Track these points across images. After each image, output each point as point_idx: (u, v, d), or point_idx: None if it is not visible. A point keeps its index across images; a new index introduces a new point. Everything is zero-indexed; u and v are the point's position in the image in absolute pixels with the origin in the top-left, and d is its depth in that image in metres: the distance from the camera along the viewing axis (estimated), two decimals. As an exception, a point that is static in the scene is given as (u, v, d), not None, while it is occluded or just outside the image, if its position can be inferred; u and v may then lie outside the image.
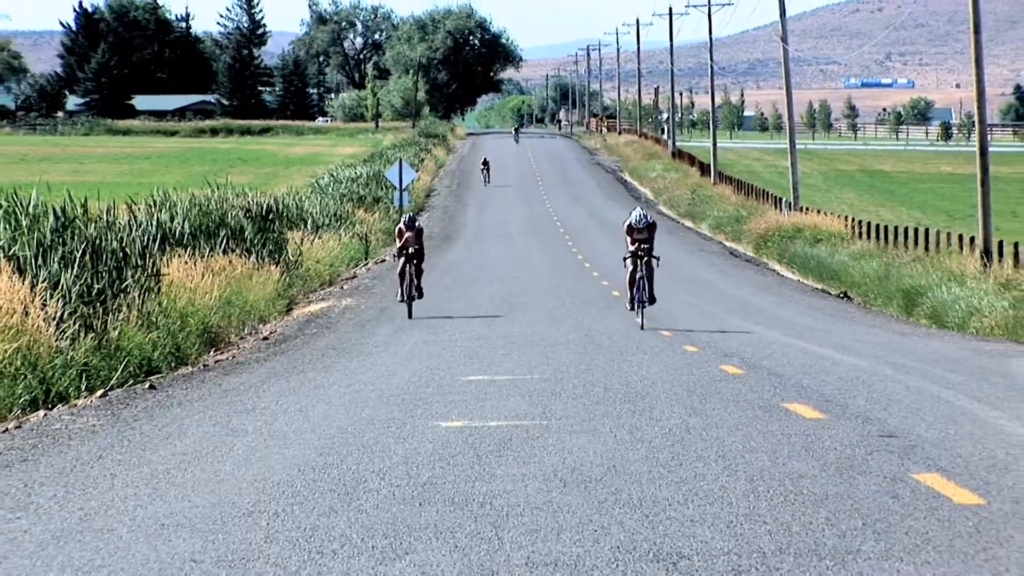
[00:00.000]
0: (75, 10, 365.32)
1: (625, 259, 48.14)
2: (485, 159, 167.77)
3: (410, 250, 52.94)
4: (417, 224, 54.42)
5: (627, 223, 48.50)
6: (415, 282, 52.95)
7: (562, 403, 26.64)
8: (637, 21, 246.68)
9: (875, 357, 37.74)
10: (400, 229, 54.56)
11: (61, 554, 14.86)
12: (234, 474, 19.68)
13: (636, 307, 47.43)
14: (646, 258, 47.84)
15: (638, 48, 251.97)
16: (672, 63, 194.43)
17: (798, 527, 15.64)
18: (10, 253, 33.36)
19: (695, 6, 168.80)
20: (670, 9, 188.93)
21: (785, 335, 45.70)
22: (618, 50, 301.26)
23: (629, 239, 48.08)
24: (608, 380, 30.36)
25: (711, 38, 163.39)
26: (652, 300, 47.55)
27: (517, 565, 14.05)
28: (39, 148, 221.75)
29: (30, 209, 37.66)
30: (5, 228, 35.70)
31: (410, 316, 51.66)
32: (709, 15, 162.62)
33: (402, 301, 52.66)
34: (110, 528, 16.12)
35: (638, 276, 47.31)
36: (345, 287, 70.24)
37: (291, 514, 16.62)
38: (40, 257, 34.44)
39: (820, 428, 23.22)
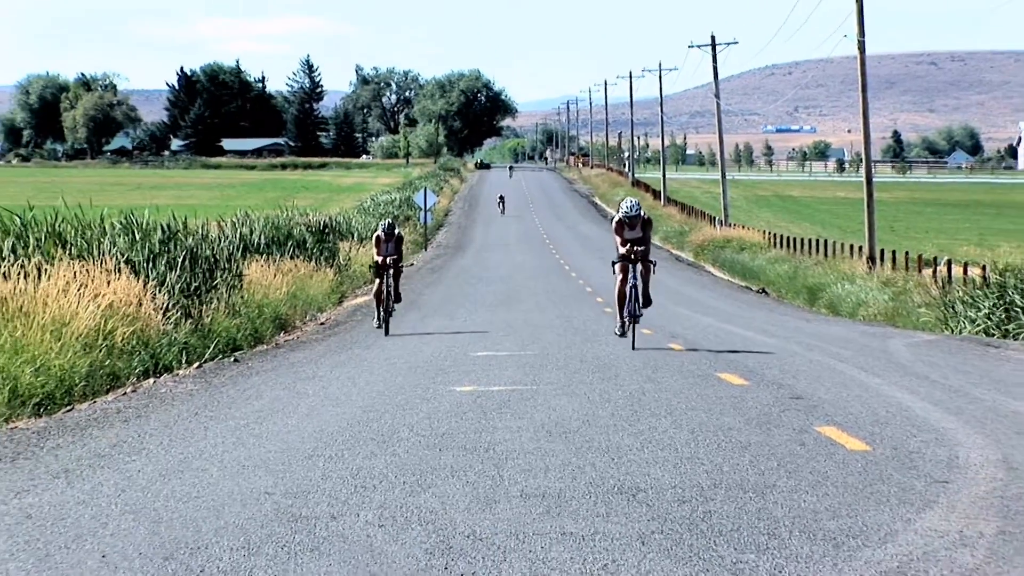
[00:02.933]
0: (178, 73, 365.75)
1: (614, 264, 31.85)
2: (501, 195, 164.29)
3: (388, 260, 40.39)
4: (397, 232, 41.70)
5: (616, 218, 31.88)
6: (392, 295, 40.37)
7: (548, 372, 26.63)
8: (605, 83, 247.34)
9: (786, 338, 37.74)
10: (378, 236, 41.11)
11: (166, 488, 14.85)
12: (298, 427, 19.66)
13: (628, 325, 31.84)
14: (640, 263, 31.76)
15: (605, 103, 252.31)
16: (632, 114, 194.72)
17: (728, 467, 15.61)
18: (128, 258, 33.33)
19: (649, 71, 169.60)
20: (630, 73, 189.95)
21: (718, 321, 45.68)
22: (590, 104, 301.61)
23: (619, 239, 31.57)
24: (583, 355, 30.36)
25: (661, 95, 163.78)
26: (648, 302, 31.94)
27: (514, 496, 14.04)
28: (150, 179, 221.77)
29: (143, 225, 37.64)
30: (124, 239, 35.68)
31: (387, 334, 38.77)
32: (660, 78, 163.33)
33: (379, 327, 39.75)
34: (203, 468, 16.12)
35: (629, 287, 31.58)
36: (383, 284, 70.08)
37: (341, 457, 16.60)
38: (151, 261, 34.42)
39: (744, 392, 23.21)
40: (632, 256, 31.63)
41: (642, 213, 31.92)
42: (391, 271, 40.46)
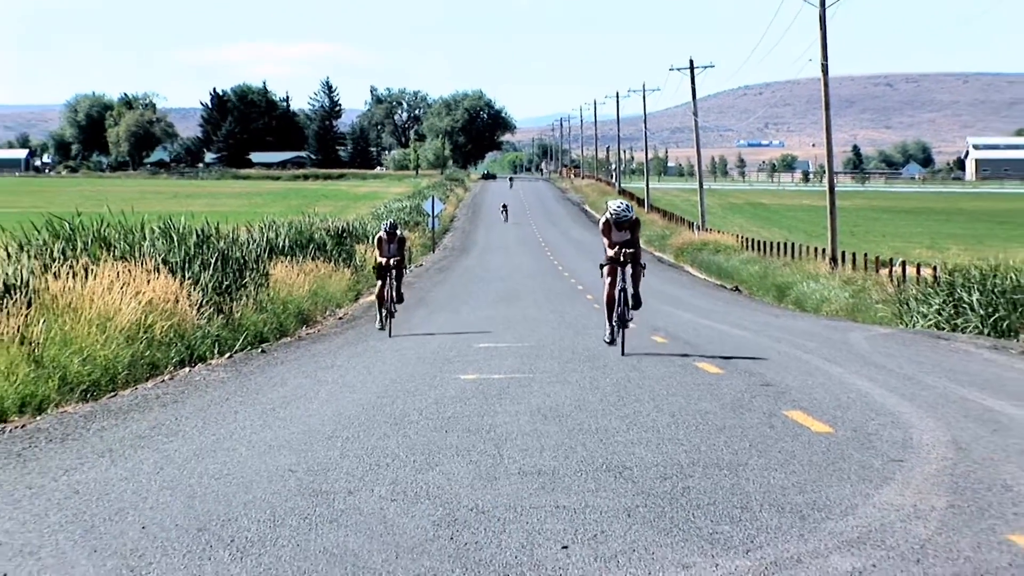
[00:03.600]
0: (210, 94, 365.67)
1: (602, 267, 27.87)
2: (504, 204, 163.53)
3: (391, 262, 36.72)
4: (399, 233, 37.92)
5: (604, 219, 27.91)
6: (394, 297, 36.66)
7: (543, 362, 26.60)
8: (594, 102, 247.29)
9: (757, 331, 37.72)
10: (380, 238, 37.36)
11: (200, 466, 14.84)
12: (319, 411, 19.65)
13: (617, 331, 27.78)
14: (630, 266, 27.80)
15: (595, 120, 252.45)
16: (618, 130, 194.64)
17: (705, 447, 15.60)
18: (166, 259, 33.33)
19: (634, 91, 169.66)
20: (617, 94, 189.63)
21: (696, 316, 45.64)
22: (581, 121, 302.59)
23: (607, 241, 27.62)
24: (575, 347, 30.32)
25: (645, 113, 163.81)
26: (638, 303, 27.95)
27: (512, 473, 14.03)
28: (185, 188, 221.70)
29: (180, 229, 37.65)
30: (163, 242, 35.67)
31: (390, 335, 35.18)
32: (644, 98, 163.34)
33: (381, 328, 36.13)
34: (234, 448, 16.11)
35: (618, 290, 27.64)
36: (395, 283, 70.05)
37: (358, 438, 16.59)
38: (187, 262, 34.39)
39: (719, 380, 23.19)
40: (621, 259, 27.80)
41: (632, 214, 27.86)
42: (393, 272, 36.61)
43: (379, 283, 36.65)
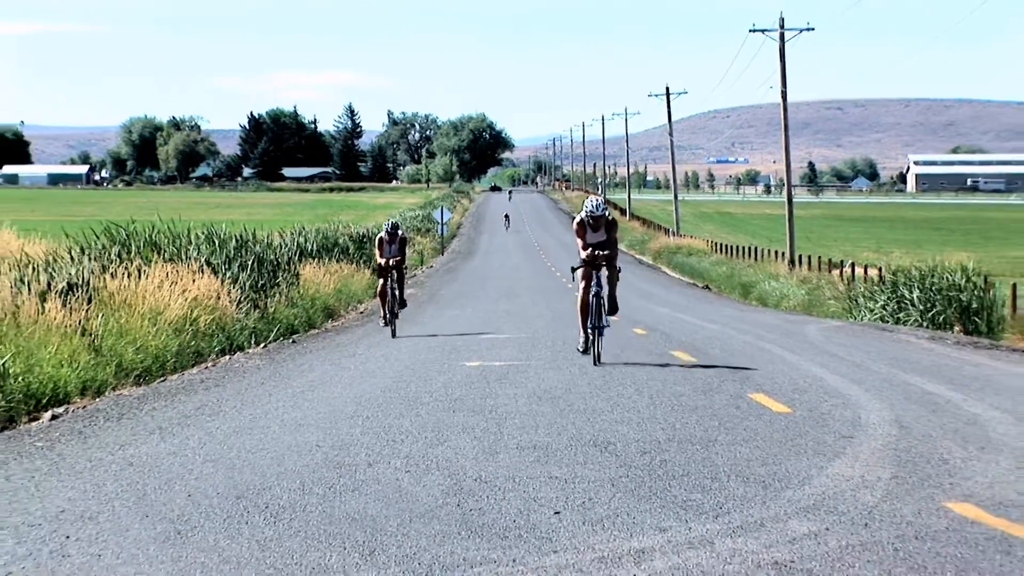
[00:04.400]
0: (248, 117, 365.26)
1: (574, 271, 23.27)
2: (507, 214, 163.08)
3: (392, 262, 32.54)
4: (400, 234, 33.28)
5: (578, 219, 23.16)
6: (397, 297, 32.61)
7: (538, 351, 26.61)
8: (583, 124, 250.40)
9: (725, 324, 37.74)
10: (381, 239, 32.94)
11: (238, 442, 14.85)
12: (342, 394, 19.65)
13: (592, 340, 22.95)
14: (606, 270, 23.04)
15: (583, 140, 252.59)
16: (604, 149, 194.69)
17: (679, 425, 15.60)
18: (209, 261, 33.35)
19: (617, 115, 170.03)
20: (602, 117, 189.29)
21: (671, 311, 45.66)
22: (571, 141, 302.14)
23: (581, 242, 23.02)
24: (565, 338, 30.32)
25: (627, 134, 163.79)
26: (614, 308, 23.22)
27: (511, 448, 14.03)
28: (226, 200, 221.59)
29: (221, 235, 37.68)
30: (206, 247, 35.69)
31: (393, 336, 31.83)
32: (626, 121, 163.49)
33: (386, 325, 32.52)
34: (267, 426, 16.12)
35: (592, 295, 22.80)
36: (409, 282, 70.16)
37: (376, 418, 16.59)
38: (227, 264, 34.41)
39: (692, 367, 23.19)
40: (596, 261, 23.08)
41: (607, 214, 23.22)
42: (394, 275, 32.58)
43: (380, 282, 32.88)
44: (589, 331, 23.12)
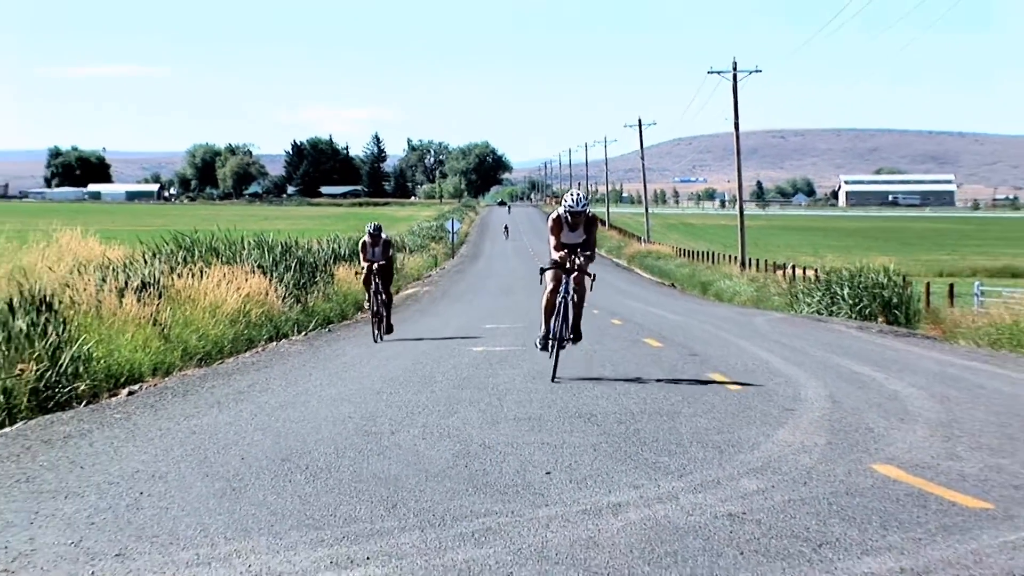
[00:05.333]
0: (292, 144, 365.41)
1: (543, 272, 18.16)
2: (506, 225, 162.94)
3: (375, 266, 26.60)
4: (384, 236, 27.07)
5: (554, 215, 18.02)
6: (384, 313, 26.53)
7: (532, 338, 26.62)
8: (569, 150, 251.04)
9: (687, 316, 37.74)
10: (364, 242, 26.87)
11: (284, 414, 14.84)
12: (370, 374, 19.64)
13: (551, 346, 17.82)
14: (577, 273, 17.65)
15: (570, 163, 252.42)
16: (587, 170, 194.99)
17: (650, 400, 15.60)
18: (259, 264, 33.35)
19: (598, 142, 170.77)
20: (586, 144, 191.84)
21: (643, 305, 45.66)
22: (559, 164, 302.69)
23: (554, 241, 17.92)
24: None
25: (605, 158, 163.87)
26: (577, 335, 17.95)
27: (510, 419, 14.02)
28: (273, 213, 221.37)
29: (269, 242, 37.67)
30: (257, 252, 35.67)
31: (377, 340, 26.39)
32: (605, 147, 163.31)
33: (377, 341, 26.25)
34: (308, 401, 16.10)
35: (559, 299, 17.72)
36: (425, 281, 70.18)
37: (398, 393, 16.58)
38: (274, 266, 34.41)
39: (660, 351, 23.19)
40: (568, 264, 17.53)
41: (587, 210, 17.54)
42: (379, 283, 26.77)
43: (370, 290, 26.96)
44: (551, 333, 17.69)
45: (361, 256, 27.28)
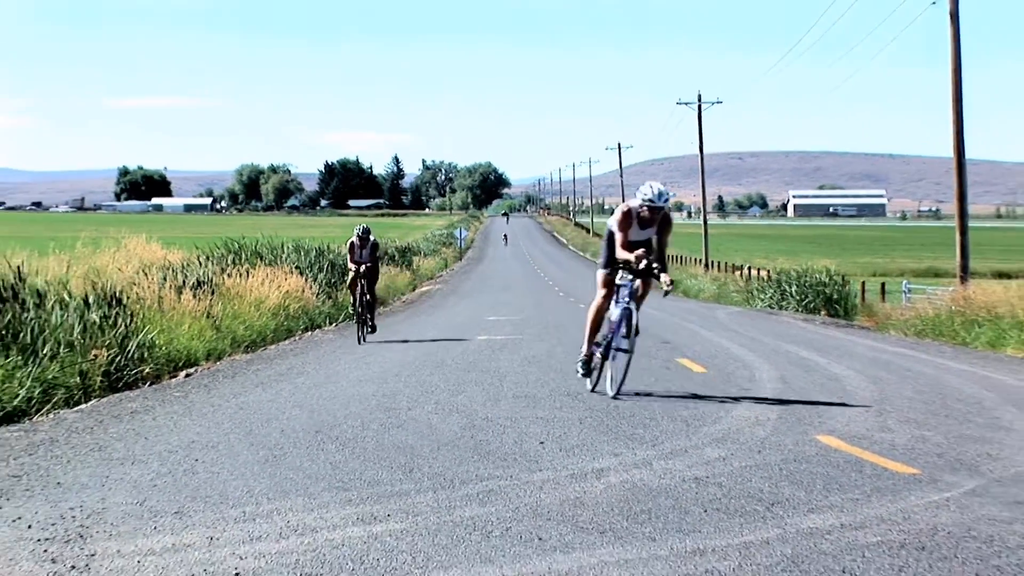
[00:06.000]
0: (324, 164, 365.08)
1: (617, 270, 12.68)
2: (505, 234, 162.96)
3: (361, 269, 23.03)
4: (372, 239, 23.38)
5: (624, 209, 12.35)
6: (368, 315, 23.03)
7: (528, 329, 26.57)
8: (559, 169, 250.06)
9: (658, 310, 37.70)
10: (352, 243, 23.30)
11: (317, 392, 14.81)
12: (391, 359, 19.60)
13: (598, 366, 13.21)
14: (644, 279, 12.57)
15: (560, 180, 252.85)
16: (573, 187, 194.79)
17: (628, 381, 15.57)
18: (297, 265, 33.32)
19: (583, 162, 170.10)
20: (573, 164, 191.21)
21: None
22: (550, 181, 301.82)
23: (621, 237, 12.19)
24: (547, 320, 30.33)
25: (590, 176, 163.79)
26: (632, 348, 12.92)
27: (509, 397, 13.99)
28: (309, 222, 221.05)
29: (306, 247, 37.62)
30: (295, 255, 35.63)
31: (359, 342, 22.56)
32: (589, 167, 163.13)
33: (360, 343, 22.47)
34: (338, 381, 16.08)
35: (619, 310, 12.78)
36: (437, 280, 70.06)
37: (415, 375, 16.56)
38: (309, 267, 34.36)
39: (635, 340, 23.15)
40: (641, 266, 12.78)
41: (668, 205, 12.76)
42: (365, 285, 23.12)
43: (356, 291, 23.19)
44: (596, 351, 13.40)
45: (348, 257, 23.57)
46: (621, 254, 12.71)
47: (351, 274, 23.43)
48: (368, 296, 23.25)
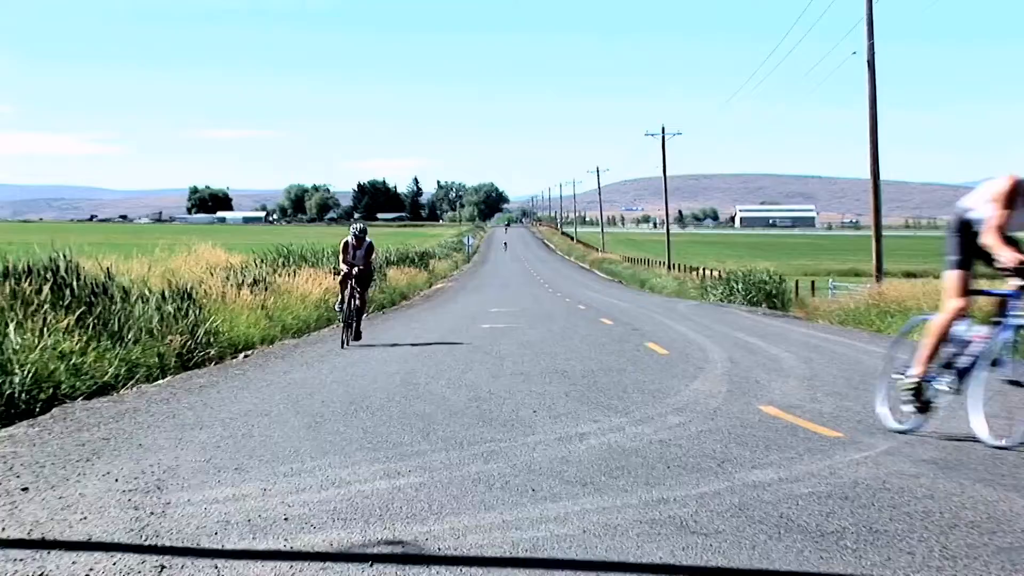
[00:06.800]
0: (357, 184, 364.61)
1: (964, 266, 5.98)
2: (505, 242, 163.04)
3: (356, 271, 18.32)
4: (368, 240, 18.47)
5: (1016, 180, 5.37)
6: (354, 320, 18.45)
7: (524, 319, 26.54)
8: (548, 188, 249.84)
9: (630, 303, 37.66)
10: (347, 243, 18.46)
11: (351, 370, 14.78)
12: (411, 345, 19.56)
13: (927, 407, 6.91)
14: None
15: (549, 197, 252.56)
16: (560, 203, 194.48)
17: (606, 362, 15.55)
18: (333, 267, 33.22)
19: (568, 182, 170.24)
20: (560, 184, 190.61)
21: (601, 296, 45.58)
22: (541, 198, 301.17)
23: (1000, 217, 5.47)
24: (540, 310, 30.29)
25: (574, 194, 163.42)
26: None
27: (508, 374, 13.97)
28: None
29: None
30: (334, 259, 35.53)
31: (343, 345, 18.12)
32: (573, 187, 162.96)
33: (344, 346, 17.90)
34: (367, 361, 16.04)
35: (1005, 337, 5.97)
36: (449, 279, 69.98)
37: (431, 357, 16.53)
38: (345, 268, 34.27)
39: (611, 328, 23.14)
40: None
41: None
42: (357, 289, 18.46)
43: (345, 293, 18.45)
44: (935, 378, 8.22)
45: (341, 257, 18.41)
46: (1000, 254, 6.81)
47: (341, 275, 18.25)
48: (358, 301, 18.17)
